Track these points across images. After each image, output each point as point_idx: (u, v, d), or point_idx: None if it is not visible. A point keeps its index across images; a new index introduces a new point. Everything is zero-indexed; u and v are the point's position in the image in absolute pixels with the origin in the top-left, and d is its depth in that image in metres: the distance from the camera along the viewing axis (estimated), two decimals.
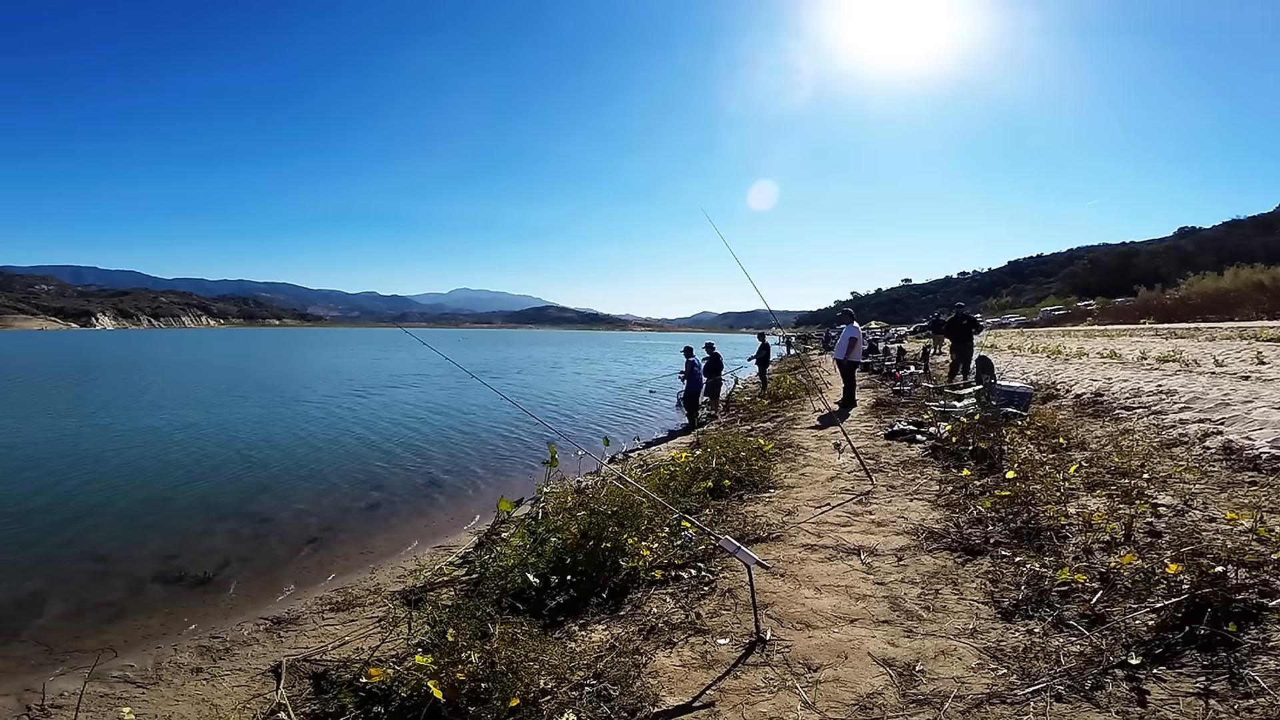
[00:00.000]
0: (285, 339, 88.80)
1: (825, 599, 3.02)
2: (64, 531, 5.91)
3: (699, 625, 2.84)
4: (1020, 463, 4.66)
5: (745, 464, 5.58)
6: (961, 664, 2.32)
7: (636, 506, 3.87)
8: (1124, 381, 8.07)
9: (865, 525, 4.10)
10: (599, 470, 5.37)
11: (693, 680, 2.41)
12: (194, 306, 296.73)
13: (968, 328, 12.11)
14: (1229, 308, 34.52)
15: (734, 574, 3.33)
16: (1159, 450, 4.98)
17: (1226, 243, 60.57)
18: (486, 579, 3.57)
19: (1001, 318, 58.40)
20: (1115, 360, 11.10)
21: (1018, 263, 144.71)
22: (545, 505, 4.19)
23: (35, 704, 3.13)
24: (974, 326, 12.52)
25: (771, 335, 19.08)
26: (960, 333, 12.12)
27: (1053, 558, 3.02)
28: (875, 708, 2.12)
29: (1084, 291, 62.99)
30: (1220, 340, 13.72)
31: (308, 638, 3.69)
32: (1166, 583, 2.45)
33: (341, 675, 2.83)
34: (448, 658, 2.42)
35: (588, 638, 2.84)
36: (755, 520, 4.32)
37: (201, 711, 2.99)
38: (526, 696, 2.26)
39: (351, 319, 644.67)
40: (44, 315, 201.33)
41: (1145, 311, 40.40)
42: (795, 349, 34.75)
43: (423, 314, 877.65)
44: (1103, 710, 1.93)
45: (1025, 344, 20.01)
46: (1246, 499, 3.54)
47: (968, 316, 12.40)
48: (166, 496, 7.15)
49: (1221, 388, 6.57)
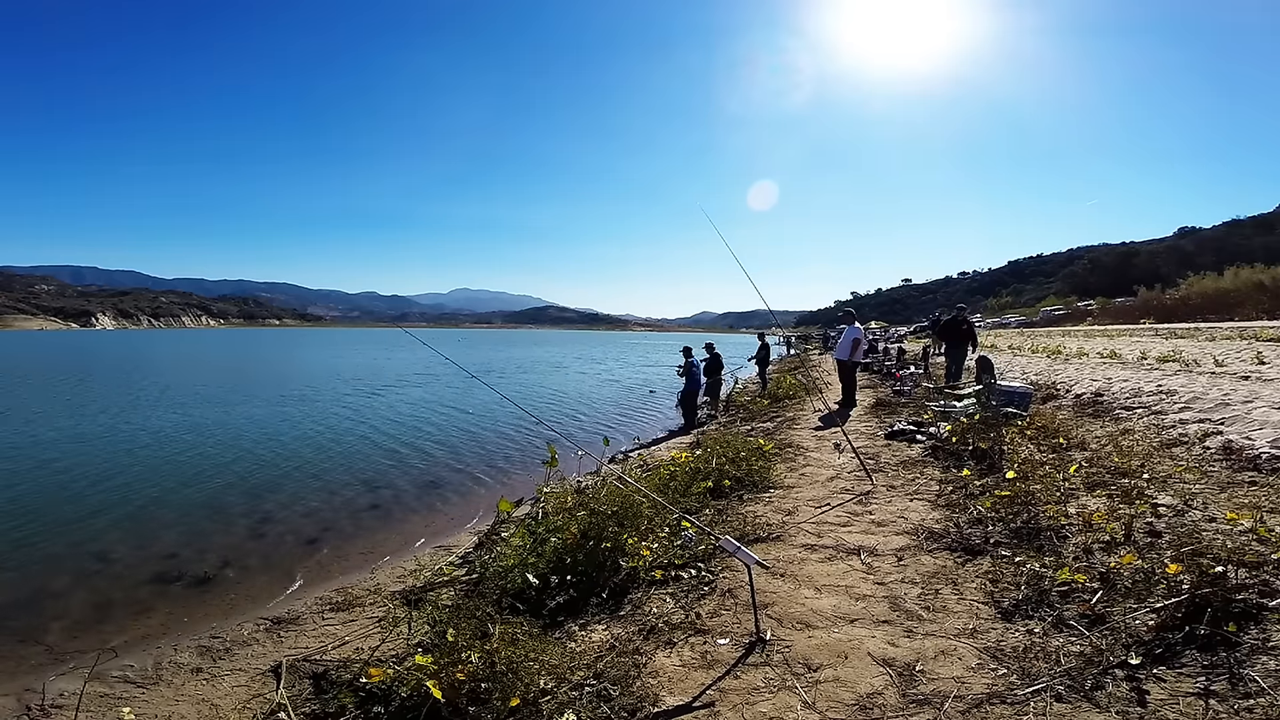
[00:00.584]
0: (285, 339, 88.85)
1: (825, 599, 3.02)
2: (64, 531, 5.91)
3: (699, 625, 2.84)
4: (1020, 463, 4.66)
5: (745, 464, 5.58)
6: (961, 664, 2.32)
7: (636, 506, 3.87)
8: (1124, 381, 8.08)
9: (865, 525, 4.10)
10: (599, 470, 5.37)
11: (693, 680, 2.41)
12: (194, 306, 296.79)
13: (967, 331, 11.45)
14: (1229, 308, 34.54)
15: (734, 574, 3.33)
16: (1159, 450, 4.98)
17: (1226, 243, 60.58)
18: (486, 579, 3.57)
19: (1001, 318, 58.35)
20: (1115, 360, 11.10)
21: (1018, 263, 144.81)
22: (545, 505, 4.19)
23: (35, 704, 3.13)
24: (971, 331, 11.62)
25: (771, 335, 19.09)
26: (955, 335, 11.49)
27: (1053, 558, 3.02)
28: (875, 708, 2.12)
29: (1084, 291, 62.99)
30: (1220, 340, 13.72)
31: (308, 638, 3.69)
32: (1166, 583, 2.45)
33: (341, 675, 2.83)
34: (448, 658, 2.42)
35: (588, 638, 2.84)
36: (755, 520, 4.32)
37: (201, 711, 2.99)
38: (526, 696, 2.26)
39: (351, 319, 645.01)
40: (44, 315, 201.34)
41: (1145, 311, 40.42)
42: (795, 349, 34.74)
43: (423, 314, 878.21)
44: (1103, 710, 1.93)
45: (1025, 344, 20.02)
46: (1246, 499, 3.54)
47: (965, 320, 11.71)
48: (166, 496, 7.15)
49: (1221, 388, 6.57)
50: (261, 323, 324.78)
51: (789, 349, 35.04)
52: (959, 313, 12.05)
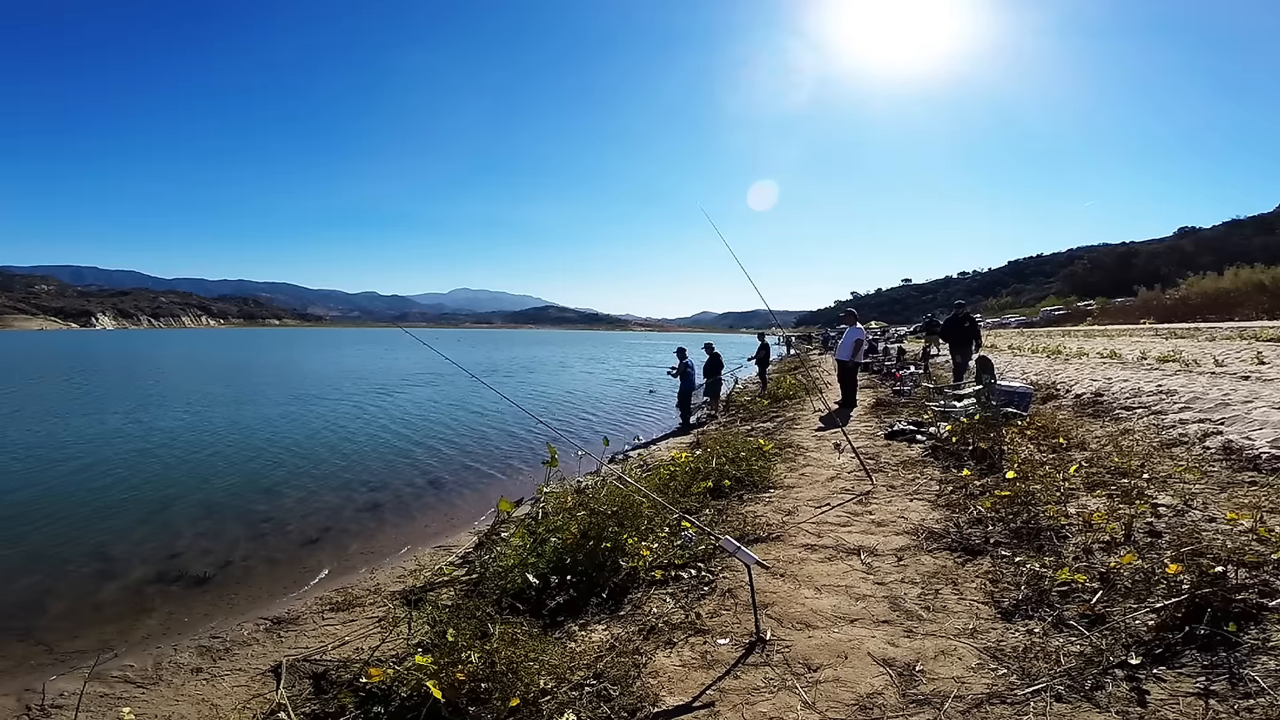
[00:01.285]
0: (286, 339, 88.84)
1: (825, 599, 3.02)
2: (64, 531, 5.91)
3: (699, 625, 2.84)
4: (1020, 463, 4.66)
5: (745, 464, 5.58)
6: (961, 664, 2.32)
7: (636, 506, 3.87)
8: (1124, 381, 8.08)
9: (865, 525, 4.10)
10: (599, 470, 5.37)
11: (693, 680, 2.41)
12: (194, 306, 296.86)
13: (969, 330, 10.83)
14: (1229, 308, 34.54)
15: (734, 574, 3.33)
16: (1159, 450, 4.98)
17: (1226, 243, 60.61)
18: (486, 579, 3.57)
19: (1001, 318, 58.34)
20: (1115, 360, 11.10)
21: (1018, 263, 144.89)
22: (545, 505, 4.19)
23: (35, 704, 3.13)
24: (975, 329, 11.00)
25: (771, 335, 19.09)
26: (959, 335, 10.88)
27: (1053, 558, 3.02)
28: (875, 708, 2.12)
29: (1084, 291, 63.02)
30: (1220, 340, 13.72)
31: (308, 638, 3.69)
32: (1166, 583, 2.45)
33: (341, 675, 2.83)
34: (448, 658, 2.42)
35: (588, 638, 2.84)
36: (755, 520, 4.32)
37: (201, 711, 2.99)
38: (526, 696, 2.26)
39: (351, 319, 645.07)
40: (44, 315, 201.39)
41: (1145, 311, 40.43)
42: (795, 349, 34.72)
43: (423, 314, 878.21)
44: (1103, 710, 1.93)
45: (1025, 344, 20.02)
46: (1246, 499, 3.54)
47: (968, 317, 11.08)
48: (166, 497, 7.14)
49: (1221, 388, 6.56)
50: (261, 323, 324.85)
51: (789, 349, 35.02)
52: (959, 309, 11.41)
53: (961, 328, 10.90)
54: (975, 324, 11.33)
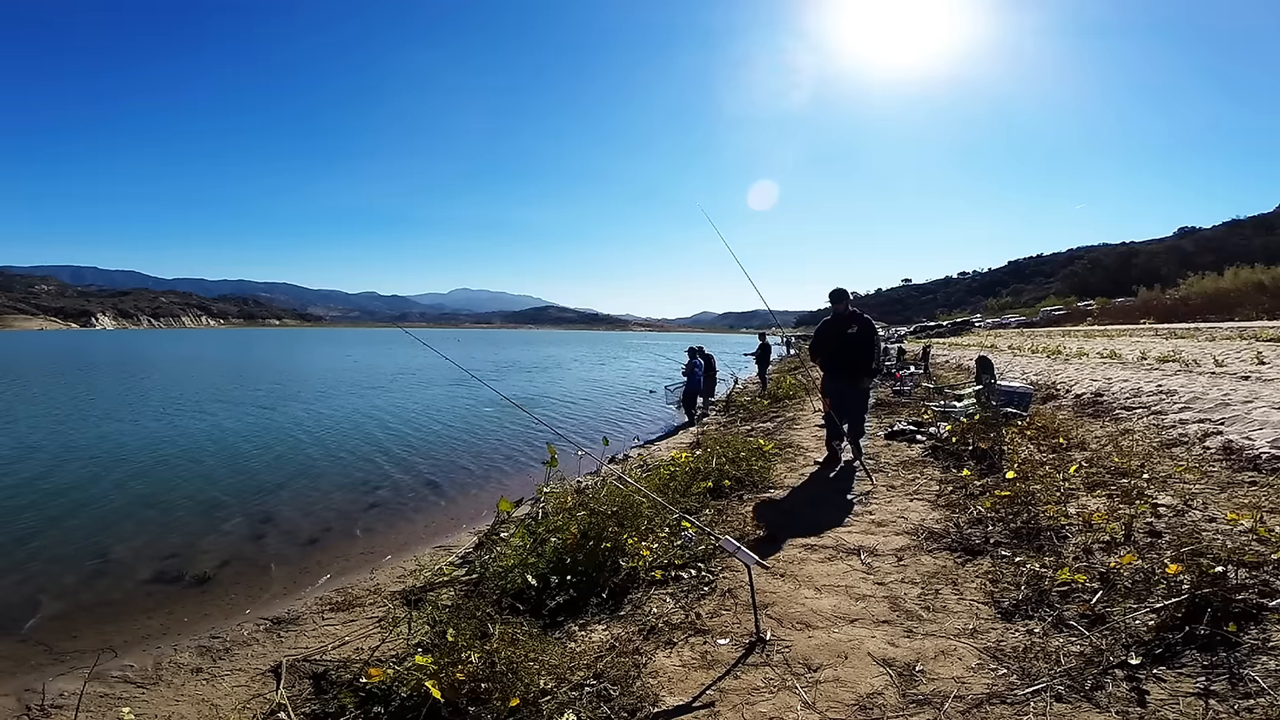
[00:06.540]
0: (285, 339, 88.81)
1: (825, 599, 3.02)
2: (64, 531, 5.91)
3: (699, 625, 2.84)
4: (1020, 463, 4.66)
5: (745, 464, 5.58)
6: (961, 664, 2.32)
7: (636, 506, 3.87)
8: (1124, 381, 8.08)
9: (865, 525, 4.10)
10: (599, 470, 5.37)
11: (693, 680, 2.41)
12: (194, 306, 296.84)
13: (855, 343, 5.56)
14: (1229, 308, 34.55)
15: (734, 574, 3.33)
16: (1159, 450, 4.98)
17: (1226, 243, 60.62)
18: (486, 579, 3.57)
19: (1001, 318, 58.30)
20: (1115, 360, 11.10)
21: (1018, 263, 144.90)
22: (545, 505, 4.19)
23: (35, 704, 3.13)
24: (869, 339, 5.56)
25: (772, 335, 19.08)
26: (841, 351, 5.67)
27: (1053, 558, 3.02)
28: (875, 708, 2.12)
29: (1084, 291, 63.01)
30: (1220, 340, 13.72)
31: (308, 638, 3.69)
32: (1166, 583, 2.45)
33: (341, 675, 2.83)
34: (448, 658, 2.42)
35: (588, 638, 2.84)
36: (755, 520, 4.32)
37: (201, 711, 2.98)
38: (526, 696, 2.26)
39: (351, 319, 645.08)
40: (44, 315, 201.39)
41: (1145, 311, 40.42)
42: (795, 349, 34.70)
43: (423, 314, 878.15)
44: (1103, 710, 1.93)
45: (1025, 344, 20.02)
46: (1246, 499, 3.54)
47: (857, 316, 5.56)
48: (166, 496, 7.14)
49: (1221, 388, 6.56)
50: (261, 323, 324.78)
51: (789, 349, 35.01)
52: (838, 300, 5.70)
53: (843, 337, 5.62)
54: (870, 330, 5.57)
